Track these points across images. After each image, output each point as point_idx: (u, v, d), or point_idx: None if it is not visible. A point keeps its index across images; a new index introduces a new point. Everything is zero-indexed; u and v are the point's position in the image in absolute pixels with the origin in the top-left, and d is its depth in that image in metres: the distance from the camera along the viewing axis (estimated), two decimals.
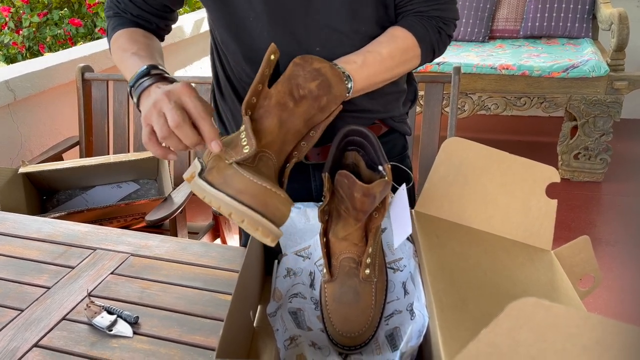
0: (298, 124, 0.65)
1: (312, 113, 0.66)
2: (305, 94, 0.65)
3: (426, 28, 0.77)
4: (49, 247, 0.91)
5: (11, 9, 3.32)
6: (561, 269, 0.71)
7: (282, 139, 0.64)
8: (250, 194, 0.56)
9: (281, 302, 0.69)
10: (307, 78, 0.65)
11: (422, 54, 0.78)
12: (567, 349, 0.44)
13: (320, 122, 0.68)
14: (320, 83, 0.65)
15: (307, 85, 0.65)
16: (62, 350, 0.67)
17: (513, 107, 2.69)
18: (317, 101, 0.65)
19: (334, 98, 0.67)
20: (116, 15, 0.85)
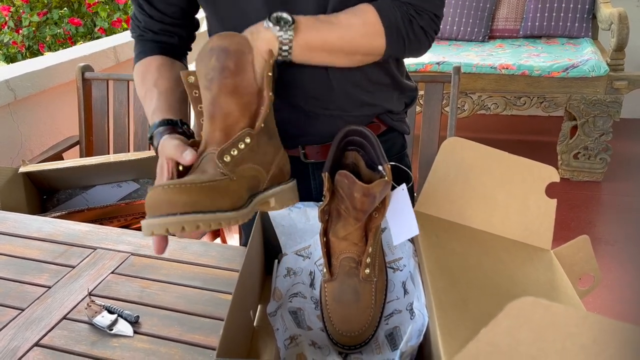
0: (227, 105, 0.61)
1: (231, 85, 0.61)
2: (212, 76, 0.61)
3: (394, 9, 0.73)
4: (50, 246, 0.91)
5: (11, 8, 3.32)
6: (561, 268, 0.71)
7: (221, 128, 0.61)
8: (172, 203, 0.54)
9: (281, 302, 0.69)
10: (206, 61, 0.62)
11: (387, 33, 0.73)
12: (566, 347, 0.44)
13: (260, 83, 0.63)
14: (216, 56, 0.61)
15: (209, 65, 0.61)
16: (62, 350, 0.68)
17: (513, 107, 2.69)
18: (224, 73, 0.60)
19: (241, 55, 0.62)
20: (139, 38, 0.85)
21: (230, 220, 0.57)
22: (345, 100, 0.80)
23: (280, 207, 0.68)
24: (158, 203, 0.54)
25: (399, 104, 0.89)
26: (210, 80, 0.61)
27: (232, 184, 0.59)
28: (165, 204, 0.54)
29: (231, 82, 0.61)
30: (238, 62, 0.61)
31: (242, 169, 0.61)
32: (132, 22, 0.86)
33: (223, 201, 0.57)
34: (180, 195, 0.54)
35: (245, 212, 0.60)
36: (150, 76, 0.78)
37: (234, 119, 0.62)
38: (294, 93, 0.81)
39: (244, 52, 0.62)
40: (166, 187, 0.54)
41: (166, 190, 0.54)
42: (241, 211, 0.59)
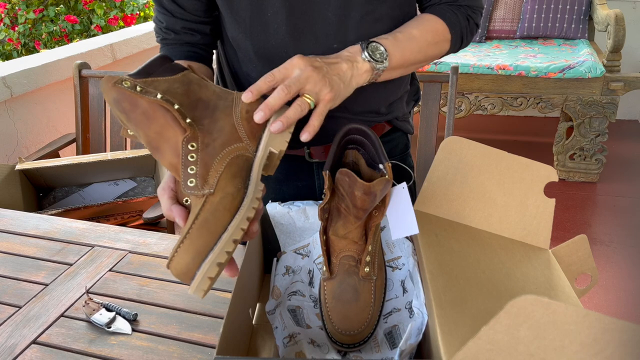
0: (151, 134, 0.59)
1: (140, 117, 0.58)
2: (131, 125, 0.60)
3: (456, 14, 0.78)
4: (47, 244, 0.90)
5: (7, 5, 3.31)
6: (558, 267, 0.71)
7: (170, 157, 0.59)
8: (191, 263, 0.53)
9: (280, 300, 0.69)
10: (120, 119, 0.61)
11: (452, 39, 0.79)
12: (565, 345, 0.44)
13: (155, 98, 0.59)
14: (116, 109, 0.59)
15: (122, 120, 0.60)
16: (60, 347, 0.67)
17: (509, 108, 2.70)
18: (130, 116, 0.59)
19: (124, 93, 0.59)
20: (163, 42, 0.84)
21: (244, 218, 0.55)
22: (355, 103, 0.80)
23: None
24: (183, 270, 0.53)
25: (406, 106, 0.89)
26: (133, 128, 0.59)
27: (214, 196, 0.56)
28: (188, 266, 0.53)
29: (140, 115, 0.58)
30: (127, 99, 0.58)
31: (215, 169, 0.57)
32: (155, 27, 0.84)
33: (223, 215, 0.55)
34: (187, 253, 0.53)
35: (250, 198, 0.57)
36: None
37: (172, 138, 0.58)
38: None
39: (116, 88, 0.58)
40: (176, 255, 0.54)
41: (177, 258, 0.54)
42: (245, 202, 0.56)
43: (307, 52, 0.76)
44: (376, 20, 0.76)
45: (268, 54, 0.77)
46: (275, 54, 0.77)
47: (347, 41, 0.75)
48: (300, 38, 0.75)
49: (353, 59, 0.67)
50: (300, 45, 0.75)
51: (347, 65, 0.66)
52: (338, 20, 0.74)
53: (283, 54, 0.77)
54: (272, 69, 0.64)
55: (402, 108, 0.89)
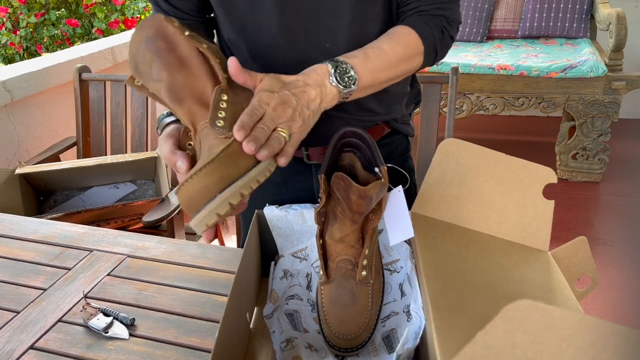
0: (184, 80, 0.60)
1: (175, 60, 0.59)
2: (155, 66, 0.59)
3: (429, 26, 0.75)
4: (46, 248, 0.90)
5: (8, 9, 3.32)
6: (558, 269, 0.71)
7: (194, 102, 0.60)
8: (200, 195, 0.54)
9: (278, 304, 0.69)
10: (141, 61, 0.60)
11: (425, 52, 0.76)
12: (562, 350, 0.44)
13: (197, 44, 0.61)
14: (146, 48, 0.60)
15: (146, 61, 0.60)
16: (57, 353, 0.67)
17: (511, 107, 2.69)
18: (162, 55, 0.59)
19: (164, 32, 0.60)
20: None
21: (265, 171, 0.56)
22: (353, 105, 0.80)
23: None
24: (193, 197, 0.53)
25: (405, 108, 0.89)
26: (157, 72, 0.59)
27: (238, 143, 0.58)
28: (200, 194, 0.53)
29: (174, 58, 0.59)
30: (166, 39, 0.60)
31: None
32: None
33: (245, 161, 0.56)
34: (206, 178, 0.53)
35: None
36: None
37: (200, 88, 0.60)
38: None
39: (163, 26, 0.60)
40: (190, 180, 0.54)
41: (192, 182, 0.53)
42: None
43: (300, 52, 0.76)
44: (368, 20, 0.76)
45: (262, 54, 0.78)
46: (269, 54, 0.77)
47: (338, 42, 0.76)
48: (293, 38, 0.75)
49: (321, 82, 0.65)
50: (292, 46, 0.76)
51: (315, 92, 0.64)
52: (329, 21, 0.74)
53: (277, 54, 0.77)
54: (266, 69, 0.65)
55: (401, 110, 0.88)
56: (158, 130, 0.72)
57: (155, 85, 0.60)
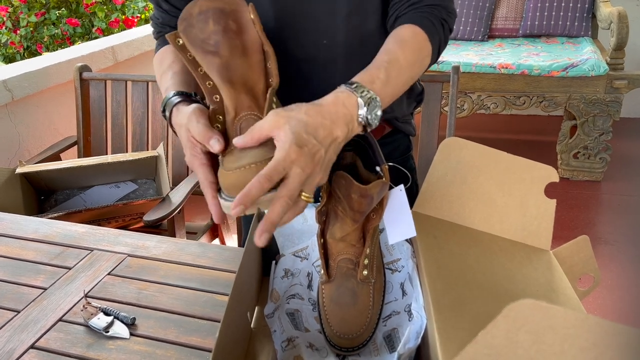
0: (243, 68, 0.59)
1: (240, 46, 0.59)
2: (215, 40, 0.58)
3: (432, 22, 0.72)
4: (46, 247, 0.90)
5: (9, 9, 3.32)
6: (560, 268, 0.71)
7: (245, 91, 0.59)
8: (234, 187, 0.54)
9: (279, 303, 0.69)
10: (200, 25, 0.58)
11: (432, 52, 0.72)
12: (564, 350, 0.43)
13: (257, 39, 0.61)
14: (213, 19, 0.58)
15: (208, 30, 0.58)
16: (58, 352, 0.67)
17: (512, 106, 2.69)
18: (229, 34, 0.58)
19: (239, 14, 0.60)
20: (159, 35, 0.84)
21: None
22: None
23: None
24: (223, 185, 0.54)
25: (406, 107, 0.88)
26: (215, 44, 0.58)
27: None
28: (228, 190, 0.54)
29: (240, 43, 0.59)
30: (239, 22, 0.59)
31: None
32: (152, 24, 0.85)
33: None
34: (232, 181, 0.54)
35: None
36: (166, 60, 0.77)
37: (254, 80, 0.60)
38: (300, 91, 0.80)
39: (240, 10, 0.60)
40: (259, 164, 0.53)
41: (259, 167, 0.53)
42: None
43: (297, 49, 0.76)
44: (367, 14, 0.75)
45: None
46: None
47: (336, 38, 0.75)
48: (289, 35, 0.75)
49: (349, 119, 0.59)
50: (289, 43, 0.75)
51: (342, 132, 0.58)
52: (326, 17, 0.74)
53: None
54: None
55: (402, 109, 0.88)
56: (165, 111, 0.68)
57: (207, 57, 0.58)
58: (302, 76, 0.79)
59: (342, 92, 0.60)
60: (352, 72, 0.79)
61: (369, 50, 0.78)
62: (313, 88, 0.80)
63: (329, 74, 0.78)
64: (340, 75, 0.79)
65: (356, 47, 0.77)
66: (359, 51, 0.78)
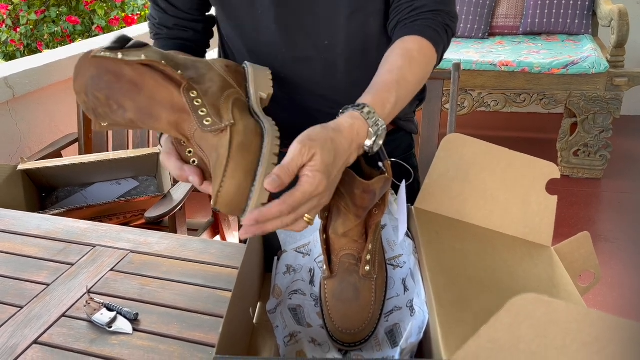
0: (142, 101, 0.57)
1: (127, 91, 0.58)
2: (111, 100, 0.58)
3: (436, 31, 0.71)
4: (49, 244, 0.90)
5: (9, 7, 3.32)
6: (561, 265, 0.71)
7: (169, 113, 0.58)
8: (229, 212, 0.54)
9: (281, 299, 0.69)
10: (92, 104, 0.58)
11: (437, 60, 0.73)
12: (567, 344, 0.44)
13: (132, 61, 0.58)
14: (92, 95, 0.58)
15: (98, 101, 0.58)
16: (61, 347, 0.67)
17: (513, 104, 2.69)
18: (114, 91, 0.57)
19: (104, 74, 0.58)
20: (156, 37, 0.84)
21: (274, 141, 0.55)
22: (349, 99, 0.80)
23: (269, 90, 0.67)
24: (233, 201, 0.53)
25: (409, 106, 0.88)
26: (117, 104, 0.57)
27: (237, 125, 0.56)
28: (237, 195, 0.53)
29: (126, 83, 0.57)
30: (109, 70, 0.57)
31: (224, 106, 0.59)
32: (149, 24, 0.85)
33: (254, 141, 0.55)
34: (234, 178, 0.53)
35: (269, 124, 0.58)
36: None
37: (166, 96, 0.58)
38: (301, 92, 0.80)
39: (98, 61, 0.57)
40: (222, 188, 0.53)
41: (224, 188, 0.53)
42: (266, 126, 0.57)
43: (298, 49, 0.76)
44: (369, 15, 0.75)
45: (259, 51, 0.77)
46: (267, 52, 0.77)
47: (337, 38, 0.75)
48: (291, 35, 0.75)
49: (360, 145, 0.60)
50: (291, 43, 0.75)
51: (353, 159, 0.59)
52: (327, 17, 0.74)
53: (275, 51, 0.77)
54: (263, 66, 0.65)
55: (405, 108, 0.87)
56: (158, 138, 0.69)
57: (125, 117, 0.58)
58: (302, 76, 0.79)
59: (357, 120, 0.59)
60: (353, 72, 0.79)
61: (369, 51, 0.78)
62: (314, 88, 0.80)
63: (330, 74, 0.78)
64: (341, 75, 0.79)
65: (357, 48, 0.77)
66: (360, 52, 0.78)
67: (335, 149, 0.55)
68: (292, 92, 0.80)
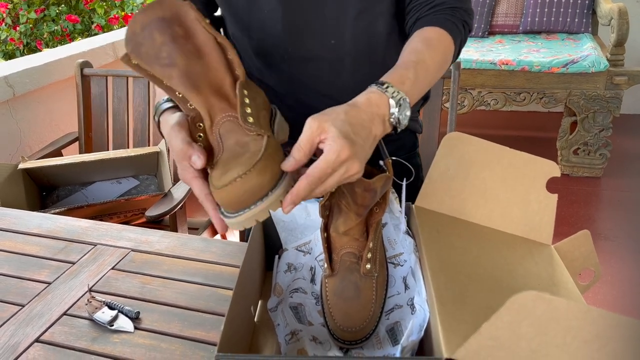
0: (203, 70, 0.58)
1: (193, 49, 0.58)
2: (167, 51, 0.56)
3: (455, 24, 0.72)
4: (50, 242, 0.91)
5: (8, 5, 3.31)
6: (561, 263, 0.71)
7: (213, 93, 0.58)
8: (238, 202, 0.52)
9: (282, 297, 0.69)
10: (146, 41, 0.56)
11: (455, 52, 0.72)
12: (567, 342, 0.44)
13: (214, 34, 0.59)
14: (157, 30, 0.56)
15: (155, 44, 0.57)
16: (63, 346, 0.67)
17: (512, 103, 2.69)
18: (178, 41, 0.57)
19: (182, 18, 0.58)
20: None
21: (264, 212, 0.54)
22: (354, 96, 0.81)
23: (284, 137, 0.65)
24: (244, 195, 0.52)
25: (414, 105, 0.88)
26: (168, 56, 0.56)
27: (273, 140, 0.56)
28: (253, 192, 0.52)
29: (192, 46, 0.57)
30: (184, 26, 0.58)
31: (263, 121, 0.59)
32: None
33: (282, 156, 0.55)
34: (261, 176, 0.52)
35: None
36: None
37: (219, 79, 0.58)
38: (307, 92, 0.80)
39: (182, 11, 0.58)
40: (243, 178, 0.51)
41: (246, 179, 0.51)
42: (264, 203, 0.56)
43: (305, 49, 0.76)
44: (376, 15, 0.75)
45: (265, 52, 0.77)
46: (274, 52, 0.77)
47: (344, 37, 0.75)
48: (297, 35, 0.75)
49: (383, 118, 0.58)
50: (297, 42, 0.75)
51: (379, 130, 0.58)
52: (334, 17, 0.74)
53: (281, 51, 0.77)
54: (270, 67, 0.64)
55: None
56: (155, 117, 0.67)
57: (164, 70, 0.56)
58: (308, 75, 0.79)
59: (374, 93, 0.59)
60: (359, 72, 0.79)
61: (376, 51, 0.78)
62: (320, 87, 0.80)
63: (336, 73, 0.79)
64: (347, 75, 0.79)
65: (364, 47, 0.77)
66: (367, 52, 0.78)
67: (350, 121, 0.54)
68: (298, 92, 0.80)
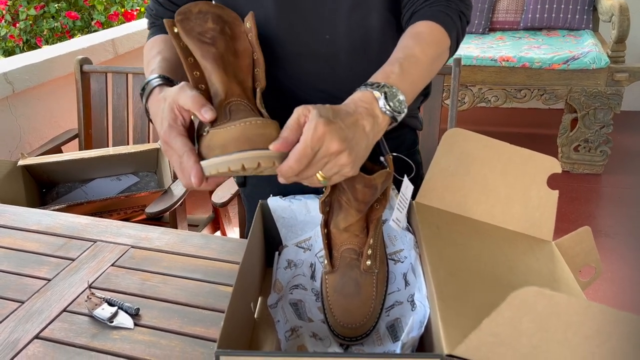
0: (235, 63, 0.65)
1: (233, 48, 0.66)
2: (212, 35, 0.65)
3: (449, 16, 0.70)
4: (49, 239, 0.91)
5: (8, 2, 3.30)
6: (562, 259, 0.71)
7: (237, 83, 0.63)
8: (232, 141, 0.54)
9: (282, 294, 0.69)
10: (198, 21, 0.65)
11: (450, 46, 0.71)
12: (568, 338, 0.44)
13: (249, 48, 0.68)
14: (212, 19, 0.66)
15: (205, 26, 0.65)
16: (63, 342, 0.67)
17: (513, 99, 2.68)
18: (225, 36, 0.66)
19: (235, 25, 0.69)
20: (152, 25, 0.84)
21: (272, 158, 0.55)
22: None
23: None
24: (234, 138, 0.53)
25: (413, 102, 0.88)
26: (212, 38, 0.64)
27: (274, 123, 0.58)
28: (242, 140, 0.53)
29: (233, 46, 0.66)
30: (234, 30, 0.68)
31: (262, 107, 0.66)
32: (146, 14, 0.85)
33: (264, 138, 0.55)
34: (258, 129, 0.53)
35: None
36: (156, 48, 0.76)
37: (243, 77, 0.65)
38: (302, 86, 0.80)
39: (237, 22, 0.69)
40: (242, 124, 0.53)
41: (245, 126, 0.53)
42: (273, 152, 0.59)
43: (300, 44, 0.76)
44: (370, 10, 0.75)
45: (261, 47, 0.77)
46: (268, 48, 0.77)
47: (338, 32, 0.75)
48: (292, 30, 0.75)
49: (372, 112, 0.58)
50: (291, 38, 0.75)
51: (368, 123, 0.57)
52: (328, 11, 0.74)
53: (276, 47, 0.76)
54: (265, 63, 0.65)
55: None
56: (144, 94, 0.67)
57: (203, 46, 0.63)
58: (303, 71, 0.79)
59: (356, 93, 0.60)
60: (354, 67, 0.78)
61: (371, 46, 0.78)
62: (315, 82, 0.80)
63: (331, 68, 0.78)
64: (342, 70, 0.79)
65: (358, 42, 0.77)
66: (361, 46, 0.78)
67: (333, 109, 0.55)
68: (294, 86, 0.80)
